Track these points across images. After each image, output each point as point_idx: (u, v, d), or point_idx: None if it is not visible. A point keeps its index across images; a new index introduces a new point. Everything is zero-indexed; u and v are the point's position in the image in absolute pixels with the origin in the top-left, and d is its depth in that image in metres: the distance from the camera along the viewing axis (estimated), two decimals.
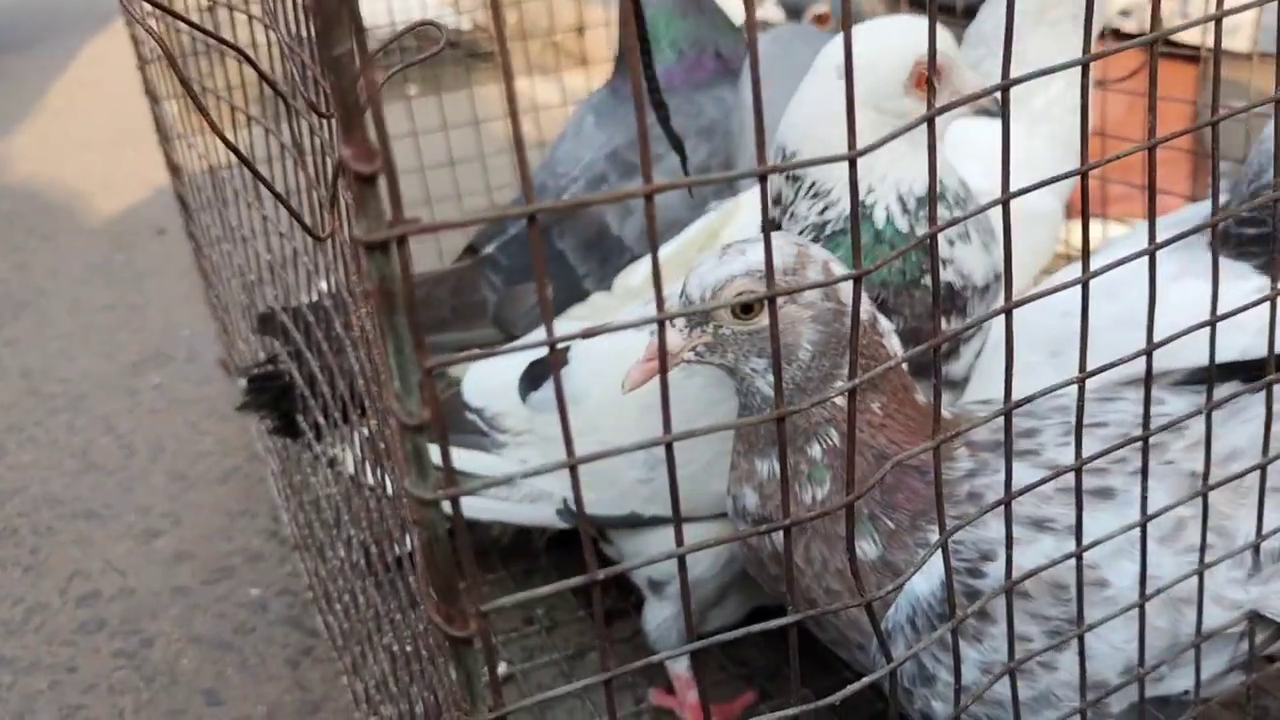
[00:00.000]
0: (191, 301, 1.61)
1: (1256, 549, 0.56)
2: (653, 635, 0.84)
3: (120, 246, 1.86)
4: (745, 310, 0.59)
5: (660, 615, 0.84)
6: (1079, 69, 0.48)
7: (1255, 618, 0.57)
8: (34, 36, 3.65)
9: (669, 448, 0.39)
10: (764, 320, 0.58)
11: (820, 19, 1.16)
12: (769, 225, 0.41)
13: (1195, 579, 0.55)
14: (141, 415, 1.34)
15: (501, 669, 0.90)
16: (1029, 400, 0.50)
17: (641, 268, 0.94)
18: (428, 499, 0.37)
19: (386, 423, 0.55)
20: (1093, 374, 0.50)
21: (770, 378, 0.57)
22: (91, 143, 2.46)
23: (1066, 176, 0.49)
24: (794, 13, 1.18)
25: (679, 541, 0.41)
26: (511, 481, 0.85)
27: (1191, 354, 0.62)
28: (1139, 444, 0.54)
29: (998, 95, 0.46)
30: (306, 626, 0.97)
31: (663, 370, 0.39)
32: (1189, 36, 1.45)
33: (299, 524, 1.00)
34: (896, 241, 0.70)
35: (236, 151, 0.56)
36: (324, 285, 0.73)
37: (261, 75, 0.62)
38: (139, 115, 2.47)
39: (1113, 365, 0.52)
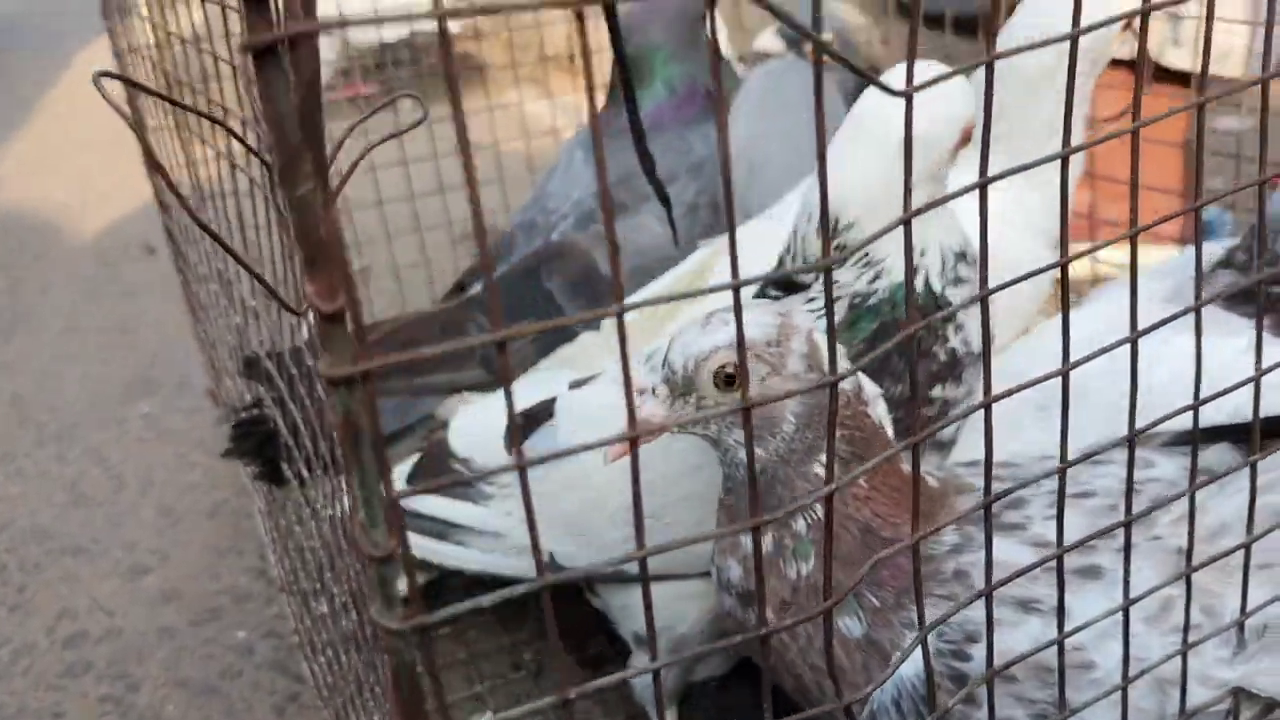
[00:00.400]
0: (181, 324, 1.60)
1: (1241, 626, 0.56)
2: (638, 686, 0.84)
3: (110, 263, 1.86)
4: (728, 382, 0.58)
5: (644, 665, 0.83)
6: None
7: (1240, 694, 0.56)
8: (29, 39, 3.64)
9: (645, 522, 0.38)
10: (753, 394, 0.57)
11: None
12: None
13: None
14: (130, 445, 1.33)
15: (486, 717, 0.89)
16: (1010, 492, 0.49)
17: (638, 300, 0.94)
18: (394, 629, 0.36)
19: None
20: (1073, 464, 0.50)
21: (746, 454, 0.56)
22: (84, 147, 2.45)
23: (1045, 270, 0.48)
24: (794, 43, 1.16)
25: (648, 605, 0.41)
26: (499, 535, 0.86)
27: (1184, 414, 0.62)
28: (1119, 518, 0.53)
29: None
30: (292, 672, 0.96)
31: (635, 484, 0.39)
32: (1178, 60, 1.44)
33: (285, 567, 0.99)
34: (926, 304, 0.69)
35: (206, 228, 0.55)
36: (306, 333, 0.73)
37: (246, 146, 0.61)
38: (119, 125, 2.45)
39: (1093, 453, 0.51)
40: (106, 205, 2.12)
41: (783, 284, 0.72)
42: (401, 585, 0.36)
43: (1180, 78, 1.48)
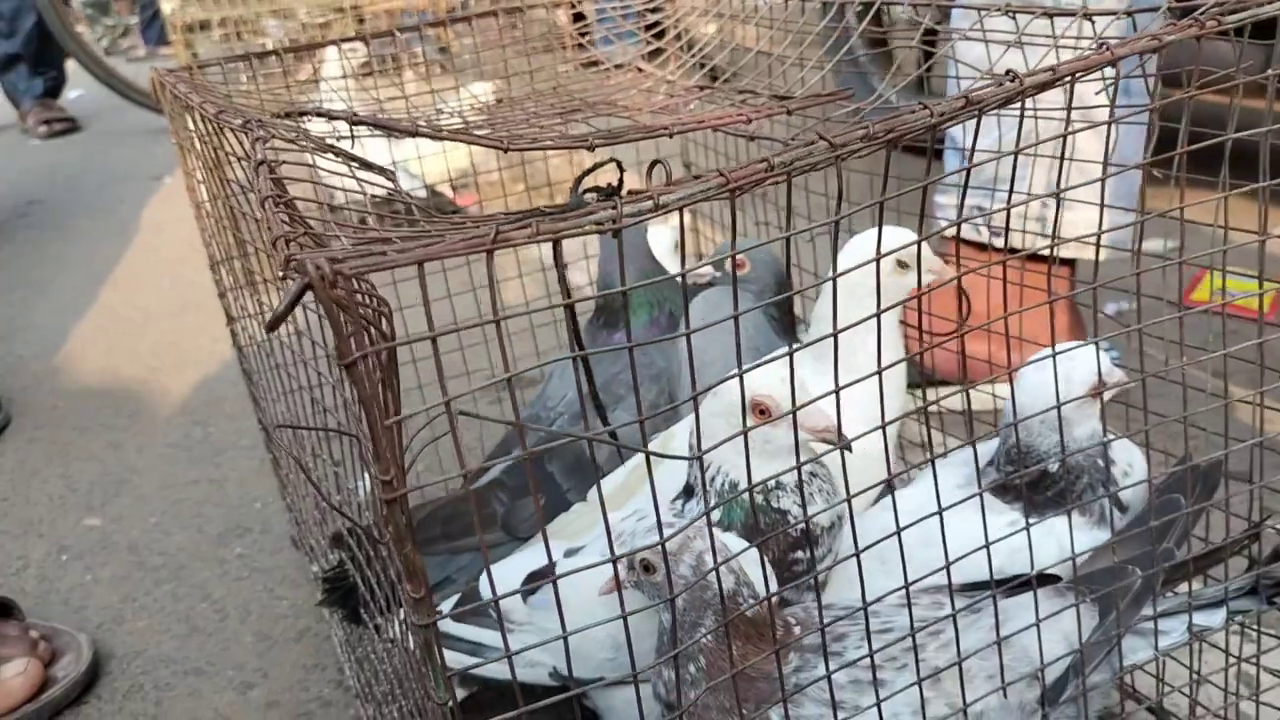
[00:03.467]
0: (260, 475, 1.97)
1: (965, 714, 0.90)
2: None
3: (198, 422, 2.23)
4: (646, 570, 0.93)
5: None
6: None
7: None
8: (90, 201, 4.08)
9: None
10: (657, 578, 0.92)
11: (740, 265, 1.49)
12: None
13: None
14: (230, 583, 1.68)
15: None
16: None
17: (607, 485, 1.29)
18: None
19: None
20: (871, 604, 0.84)
21: (665, 615, 0.91)
22: (158, 313, 2.86)
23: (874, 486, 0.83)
24: (718, 266, 1.53)
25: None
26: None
27: (969, 567, 0.96)
28: (907, 645, 0.88)
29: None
30: None
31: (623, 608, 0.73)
32: (1061, 249, 1.79)
33: (360, 679, 1.34)
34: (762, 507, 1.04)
35: (300, 462, 0.90)
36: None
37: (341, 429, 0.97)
38: (197, 285, 2.86)
39: (881, 597, 0.85)
40: (189, 364, 2.50)
41: (688, 490, 1.08)
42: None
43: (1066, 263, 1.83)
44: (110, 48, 7.44)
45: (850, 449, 0.93)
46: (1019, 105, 0.77)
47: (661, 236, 2.03)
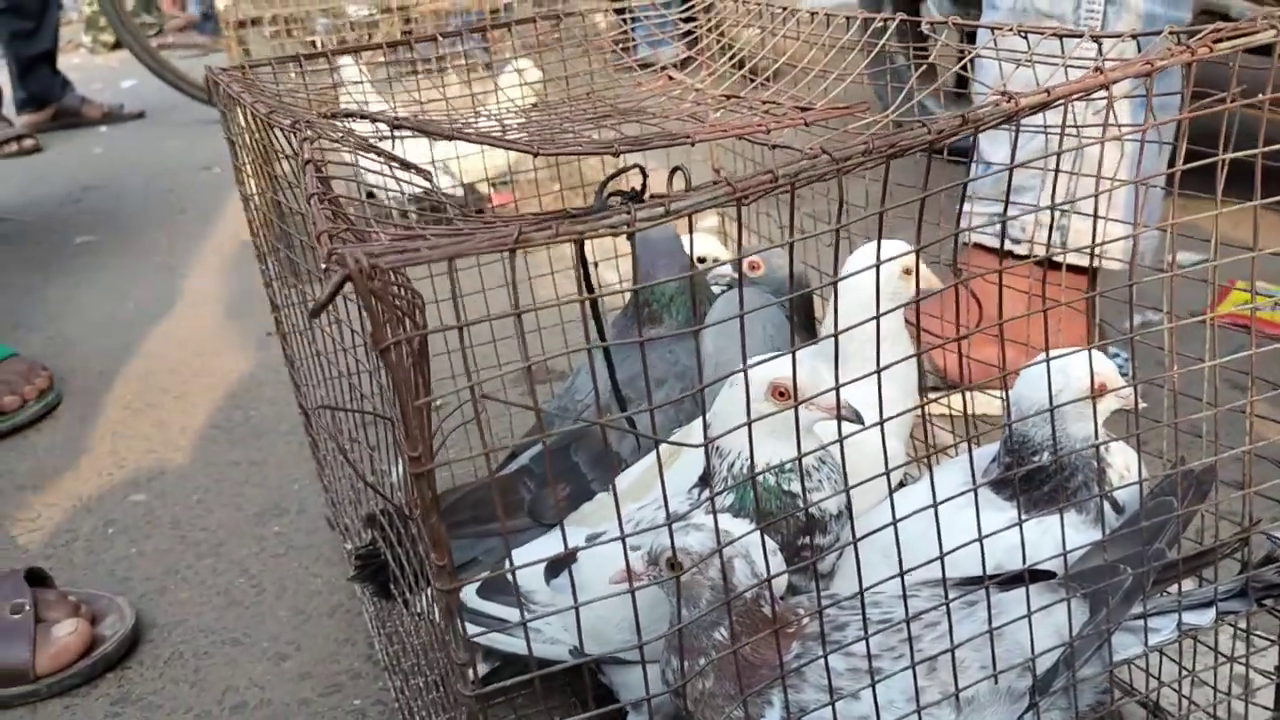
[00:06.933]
0: (298, 459, 2.05)
1: (958, 699, 0.95)
2: None
3: (239, 406, 2.31)
4: (670, 566, 0.98)
5: None
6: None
7: None
8: (141, 189, 4.18)
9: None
10: (684, 581, 0.97)
11: (753, 266, 1.54)
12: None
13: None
14: (267, 559, 1.76)
15: None
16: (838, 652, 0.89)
17: (629, 476, 1.34)
18: (469, 695, 0.77)
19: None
20: (869, 588, 0.89)
21: (683, 612, 0.96)
22: (203, 300, 2.95)
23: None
24: (736, 266, 1.58)
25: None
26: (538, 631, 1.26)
27: (968, 563, 1.01)
28: (905, 635, 0.93)
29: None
30: None
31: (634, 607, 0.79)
32: (1076, 257, 1.83)
33: (388, 654, 1.40)
34: (771, 490, 1.10)
35: (337, 442, 0.97)
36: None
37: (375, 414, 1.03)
38: (241, 275, 2.95)
39: (873, 586, 0.91)
40: (232, 353, 2.59)
41: (705, 479, 1.14)
42: (472, 672, 0.76)
43: (1081, 272, 1.86)
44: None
45: (861, 420, 0.98)
46: (1038, 119, 0.82)
47: (698, 241, 2.09)
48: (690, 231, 0.78)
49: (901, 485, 1.05)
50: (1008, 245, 1.78)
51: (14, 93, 5.20)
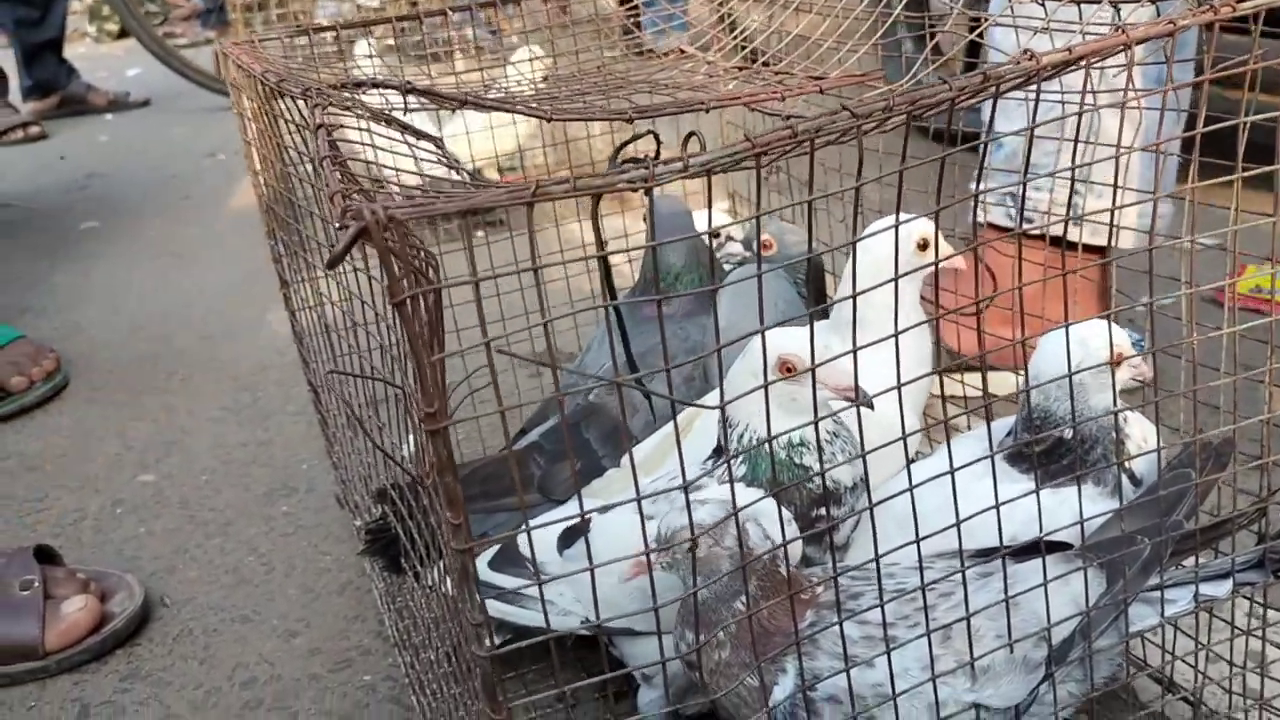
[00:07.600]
0: (306, 439, 2.04)
1: (973, 668, 0.94)
2: (643, 711, 1.22)
3: (246, 388, 2.30)
4: (688, 550, 0.98)
5: (648, 697, 1.22)
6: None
7: (978, 707, 0.94)
8: (146, 176, 4.18)
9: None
10: (700, 556, 0.96)
11: (766, 245, 1.53)
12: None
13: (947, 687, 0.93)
14: (276, 539, 1.75)
15: None
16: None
17: (641, 450, 1.34)
18: (484, 656, 0.76)
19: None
20: (884, 555, 0.88)
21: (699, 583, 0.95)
22: (209, 285, 2.94)
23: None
24: (747, 244, 1.58)
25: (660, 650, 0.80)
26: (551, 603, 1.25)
27: (985, 535, 1.00)
28: (919, 604, 0.92)
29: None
30: (405, 704, 1.36)
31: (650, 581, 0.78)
32: (1086, 236, 1.81)
33: (398, 629, 1.40)
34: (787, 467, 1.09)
35: (349, 407, 0.96)
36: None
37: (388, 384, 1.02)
38: (247, 259, 2.94)
39: (886, 553, 0.90)
40: (239, 335, 2.58)
41: (718, 451, 1.13)
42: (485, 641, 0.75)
43: (1098, 250, 1.85)
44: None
45: (872, 405, 0.97)
46: (1055, 89, 0.81)
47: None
48: (709, 190, 0.76)
49: (915, 461, 1.04)
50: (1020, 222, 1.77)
51: (20, 80, 5.19)
